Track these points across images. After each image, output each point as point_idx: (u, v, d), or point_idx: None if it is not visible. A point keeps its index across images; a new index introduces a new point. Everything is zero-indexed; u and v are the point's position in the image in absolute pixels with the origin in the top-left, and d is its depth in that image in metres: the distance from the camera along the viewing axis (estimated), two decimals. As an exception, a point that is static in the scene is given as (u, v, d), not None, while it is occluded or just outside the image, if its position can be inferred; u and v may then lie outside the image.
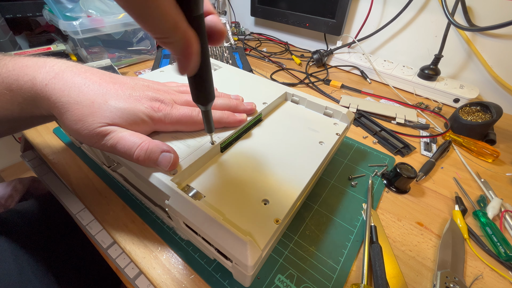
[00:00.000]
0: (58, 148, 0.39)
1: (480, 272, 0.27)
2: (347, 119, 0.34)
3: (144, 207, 0.31)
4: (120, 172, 0.32)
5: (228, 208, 0.22)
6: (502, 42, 0.53)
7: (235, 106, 0.30)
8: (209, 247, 0.21)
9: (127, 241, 0.28)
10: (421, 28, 0.62)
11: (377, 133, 0.45)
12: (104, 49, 0.58)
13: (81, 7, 0.52)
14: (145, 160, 0.22)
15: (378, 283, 0.24)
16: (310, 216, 0.31)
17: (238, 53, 0.70)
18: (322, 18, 0.68)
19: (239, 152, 0.28)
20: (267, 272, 0.25)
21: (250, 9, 0.82)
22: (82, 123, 0.21)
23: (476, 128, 0.44)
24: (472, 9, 0.53)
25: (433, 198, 0.35)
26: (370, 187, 0.34)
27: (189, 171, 0.24)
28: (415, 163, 0.40)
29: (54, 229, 0.42)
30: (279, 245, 0.28)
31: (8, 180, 0.51)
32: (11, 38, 0.61)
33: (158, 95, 0.25)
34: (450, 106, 0.56)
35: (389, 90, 0.60)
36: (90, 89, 0.22)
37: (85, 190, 0.33)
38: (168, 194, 0.21)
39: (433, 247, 0.29)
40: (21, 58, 0.23)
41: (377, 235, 0.28)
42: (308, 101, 0.36)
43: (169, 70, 0.42)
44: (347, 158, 0.39)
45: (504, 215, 0.32)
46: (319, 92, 0.58)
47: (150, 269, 0.25)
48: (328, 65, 0.70)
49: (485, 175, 0.39)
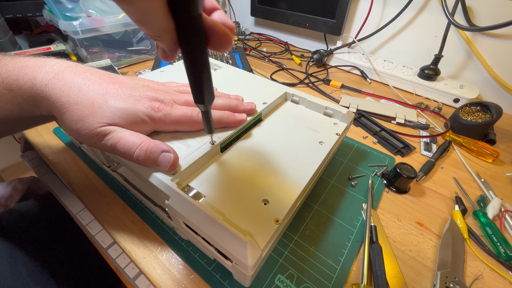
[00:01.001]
0: (58, 148, 0.39)
1: (480, 272, 0.27)
2: (347, 119, 0.34)
3: (144, 207, 0.31)
4: (120, 172, 0.32)
5: (228, 208, 0.22)
6: (502, 42, 0.53)
7: (235, 106, 0.30)
8: (209, 247, 0.21)
9: (127, 241, 0.28)
10: (421, 28, 0.62)
11: (377, 133, 0.45)
12: (104, 49, 0.58)
13: (81, 7, 0.52)
14: (145, 160, 0.22)
15: (378, 283, 0.24)
16: (310, 216, 0.31)
17: (238, 53, 0.70)
18: (322, 18, 0.68)
19: (239, 152, 0.28)
20: (267, 272, 0.25)
21: (250, 9, 0.82)
22: (82, 123, 0.21)
23: (476, 128, 0.44)
24: (472, 9, 0.53)
25: (433, 198, 0.35)
26: (370, 187, 0.34)
27: (189, 171, 0.24)
28: (415, 163, 0.40)
29: (54, 229, 0.42)
30: (279, 245, 0.28)
31: (8, 180, 0.51)
32: (11, 38, 0.61)
33: (158, 95, 0.25)
34: (450, 106, 0.56)
35: (389, 90, 0.60)
36: (90, 89, 0.22)
37: (85, 190, 0.33)
38: (168, 194, 0.21)
39: (433, 247, 0.29)
40: (21, 58, 0.23)
41: (377, 235, 0.28)
42: (308, 101, 0.36)
43: (169, 70, 0.42)
44: (347, 158, 0.39)
45: (504, 215, 0.32)
46: (319, 92, 0.58)
47: (150, 269, 0.25)
48: (328, 65, 0.70)
49: (485, 175, 0.39)
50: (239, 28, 0.89)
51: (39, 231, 0.40)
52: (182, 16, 0.15)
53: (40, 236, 0.40)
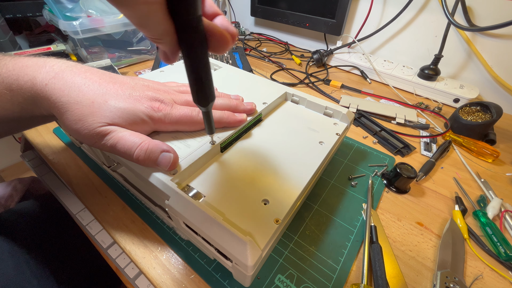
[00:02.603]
0: (58, 148, 0.39)
1: (480, 272, 0.27)
2: (347, 119, 0.34)
3: (144, 207, 0.31)
4: (120, 172, 0.32)
5: (228, 208, 0.22)
6: (502, 42, 0.53)
7: (235, 106, 0.30)
8: (209, 247, 0.21)
9: (127, 241, 0.28)
10: (421, 28, 0.62)
11: (377, 133, 0.45)
12: (104, 49, 0.58)
13: (81, 7, 0.52)
14: (145, 160, 0.22)
15: (378, 283, 0.24)
16: (310, 216, 0.31)
17: (238, 53, 0.70)
18: (322, 18, 0.68)
19: (239, 152, 0.28)
20: (267, 272, 0.25)
21: (250, 9, 0.82)
22: (82, 123, 0.21)
23: (476, 128, 0.44)
24: (472, 9, 0.53)
25: (433, 198, 0.35)
26: (370, 187, 0.34)
27: (189, 171, 0.24)
28: (415, 163, 0.40)
29: (54, 229, 0.42)
30: (279, 245, 0.28)
31: (8, 180, 0.51)
32: (11, 38, 0.61)
33: (158, 95, 0.25)
34: (450, 106, 0.56)
35: (389, 90, 0.60)
36: (90, 89, 0.22)
37: (85, 190, 0.33)
38: (168, 194, 0.21)
39: (433, 247, 0.29)
40: (21, 58, 0.23)
41: (377, 235, 0.28)
42: (308, 101, 0.36)
43: (169, 70, 0.42)
44: (347, 158, 0.39)
45: (504, 215, 0.32)
46: (319, 92, 0.58)
47: (150, 269, 0.25)
48: (328, 65, 0.70)
49: (485, 175, 0.39)
50: (239, 28, 0.89)
51: (39, 231, 0.40)
52: (182, 18, 0.15)
53: (40, 236, 0.40)
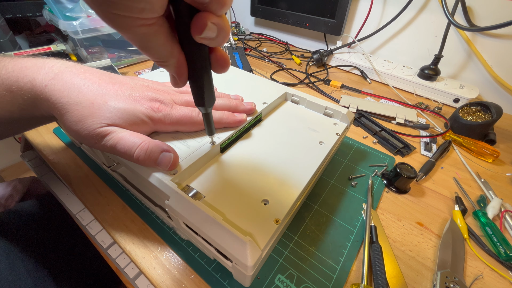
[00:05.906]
0: (58, 148, 0.39)
1: (480, 272, 0.27)
2: (347, 119, 0.34)
3: (144, 207, 0.31)
4: (120, 172, 0.32)
5: (228, 208, 0.22)
6: (502, 42, 0.53)
7: (235, 106, 0.30)
8: (209, 247, 0.21)
9: (127, 241, 0.28)
10: (421, 28, 0.62)
11: (377, 133, 0.45)
12: (104, 49, 0.58)
13: (81, 7, 0.52)
14: (145, 160, 0.22)
15: (378, 283, 0.24)
16: (310, 216, 0.31)
17: (238, 53, 0.70)
18: (322, 18, 0.68)
19: (239, 152, 0.28)
20: (267, 272, 0.25)
21: (250, 9, 0.82)
22: (82, 123, 0.21)
23: (476, 128, 0.44)
24: (472, 9, 0.53)
25: (433, 198, 0.35)
26: (370, 187, 0.34)
27: (189, 171, 0.24)
28: (415, 163, 0.40)
29: (54, 229, 0.42)
30: (279, 245, 0.28)
31: (8, 180, 0.51)
32: (11, 38, 0.61)
33: (158, 96, 0.25)
34: (450, 106, 0.56)
35: (389, 90, 0.60)
36: (90, 89, 0.22)
37: (85, 190, 0.33)
38: (168, 194, 0.21)
39: (433, 247, 0.29)
40: (20, 59, 0.23)
41: (377, 235, 0.28)
42: (308, 101, 0.36)
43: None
44: (347, 158, 0.39)
45: (504, 215, 0.32)
46: (319, 92, 0.58)
47: (150, 269, 0.25)
48: (328, 65, 0.70)
49: (485, 175, 0.39)
50: (239, 28, 0.89)
51: (39, 231, 0.40)
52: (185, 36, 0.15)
53: (40, 236, 0.40)
